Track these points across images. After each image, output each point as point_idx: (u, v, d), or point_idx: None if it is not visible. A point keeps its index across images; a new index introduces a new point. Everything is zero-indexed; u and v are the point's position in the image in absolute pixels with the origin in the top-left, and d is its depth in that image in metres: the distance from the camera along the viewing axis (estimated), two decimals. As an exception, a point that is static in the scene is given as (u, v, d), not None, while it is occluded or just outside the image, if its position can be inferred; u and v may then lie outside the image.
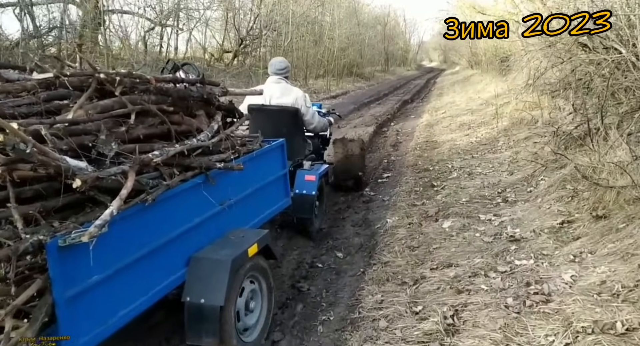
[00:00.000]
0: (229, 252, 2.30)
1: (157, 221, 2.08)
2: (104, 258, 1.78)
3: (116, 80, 2.06)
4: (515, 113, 8.07)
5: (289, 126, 4.02)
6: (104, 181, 1.79)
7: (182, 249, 2.25)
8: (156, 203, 1.98)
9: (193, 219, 2.32)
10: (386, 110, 14.21)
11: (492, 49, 18.63)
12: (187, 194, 2.25)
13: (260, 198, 2.99)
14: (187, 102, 2.49)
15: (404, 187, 5.37)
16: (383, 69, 37.09)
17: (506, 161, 5.63)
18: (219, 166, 2.40)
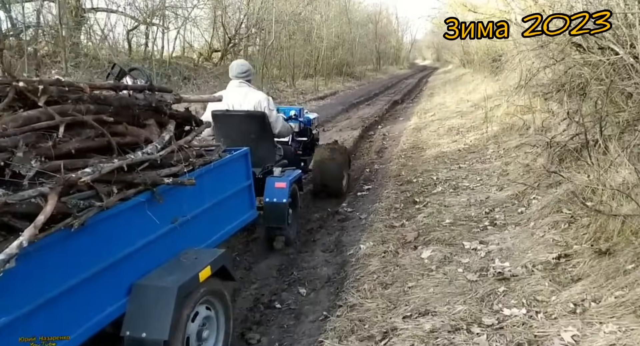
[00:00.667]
0: (176, 277, 2.06)
1: (88, 248, 1.85)
2: (16, 295, 1.56)
3: (39, 89, 1.83)
4: (506, 117, 7.61)
5: (257, 131, 3.85)
6: (19, 206, 1.58)
7: (121, 277, 2.01)
8: (87, 227, 1.76)
9: (135, 242, 2.09)
10: (375, 111, 13.73)
11: (484, 48, 18.22)
12: (127, 214, 2.03)
13: (220, 213, 2.79)
14: (132, 111, 2.28)
15: (384, 203, 4.88)
16: (375, 68, 36.63)
17: (495, 173, 5.15)
18: (167, 182, 2.16)
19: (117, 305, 1.97)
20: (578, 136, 4.25)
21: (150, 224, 2.14)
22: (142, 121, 2.39)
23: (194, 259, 2.26)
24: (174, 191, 2.28)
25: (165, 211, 2.24)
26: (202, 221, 2.57)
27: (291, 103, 13.92)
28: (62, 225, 1.68)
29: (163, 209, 2.22)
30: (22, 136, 1.72)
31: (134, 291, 2.02)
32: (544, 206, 3.63)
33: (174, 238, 2.31)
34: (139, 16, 15.01)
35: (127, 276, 2.04)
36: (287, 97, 15.51)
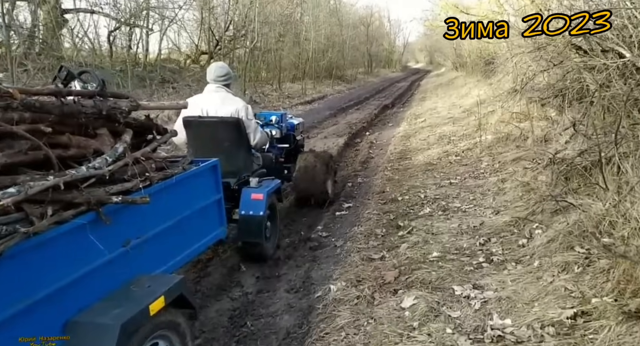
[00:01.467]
0: (121, 312, 1.79)
1: (8, 282, 1.59)
2: None
3: None
4: (500, 125, 7.01)
5: (231, 138, 3.61)
6: None
7: (55, 313, 1.73)
8: (6, 258, 1.52)
9: (73, 272, 1.81)
10: (364, 117, 13.12)
11: (476, 50, 17.72)
12: (62, 240, 1.76)
13: (183, 232, 2.54)
14: (79, 120, 2.05)
15: (364, 226, 4.24)
16: (366, 71, 36.09)
17: (490, 191, 4.54)
18: (115, 200, 1.93)
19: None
20: (587, 152, 3.65)
21: (94, 249, 1.88)
22: (92, 131, 2.15)
23: (147, 288, 1.99)
24: (127, 210, 2.04)
25: (114, 233, 2.00)
26: (160, 243, 2.31)
27: (276, 108, 13.28)
28: None
29: (111, 231, 1.97)
30: None
31: (70, 329, 1.74)
32: (550, 240, 3.01)
33: (125, 263, 2.05)
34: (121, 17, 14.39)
35: (61, 312, 1.76)
36: (272, 102, 14.88)
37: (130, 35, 15.08)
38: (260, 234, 3.51)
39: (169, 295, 1.97)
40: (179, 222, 2.48)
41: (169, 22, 16.55)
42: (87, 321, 1.77)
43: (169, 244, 2.41)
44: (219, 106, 3.62)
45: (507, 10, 10.75)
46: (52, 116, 1.92)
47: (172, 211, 2.44)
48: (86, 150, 2.03)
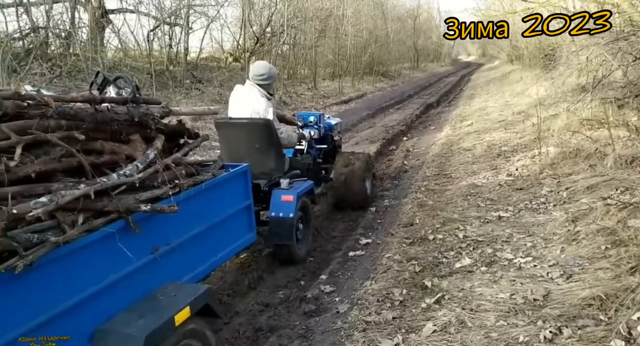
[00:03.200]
0: (146, 323, 1.77)
1: (39, 291, 1.56)
2: None
3: None
4: (566, 134, 5.64)
5: (262, 140, 3.57)
6: None
7: (82, 322, 1.73)
8: (38, 267, 1.50)
9: (101, 280, 1.81)
10: (403, 118, 11.87)
11: (535, 41, 15.92)
12: (92, 249, 1.76)
13: (212, 239, 2.51)
14: (112, 127, 2.08)
15: (379, 283, 3.14)
16: (412, 66, 34.34)
17: (557, 236, 3.30)
18: (144, 209, 1.94)
19: None
20: None
21: (122, 257, 1.87)
22: (124, 137, 2.18)
23: (172, 297, 1.99)
24: (156, 218, 2.04)
25: (143, 240, 1.99)
26: (189, 250, 2.30)
27: (308, 109, 12.28)
28: (3, 267, 1.42)
29: (140, 239, 1.97)
30: None
31: (97, 338, 1.76)
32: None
33: (153, 271, 2.05)
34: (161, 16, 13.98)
35: (89, 320, 1.76)
36: (304, 102, 13.88)
37: (170, 34, 14.67)
38: (290, 236, 3.47)
39: (194, 305, 1.97)
40: (208, 229, 2.46)
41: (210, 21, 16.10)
42: (115, 331, 1.77)
43: (197, 251, 2.40)
44: (242, 104, 3.64)
45: (573, 0, 9.19)
46: (86, 123, 1.95)
47: (201, 218, 2.42)
48: (119, 156, 2.07)
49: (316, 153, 4.64)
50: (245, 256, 3.88)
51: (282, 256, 3.64)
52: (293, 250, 3.57)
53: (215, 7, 15.95)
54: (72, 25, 12.18)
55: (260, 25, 18.10)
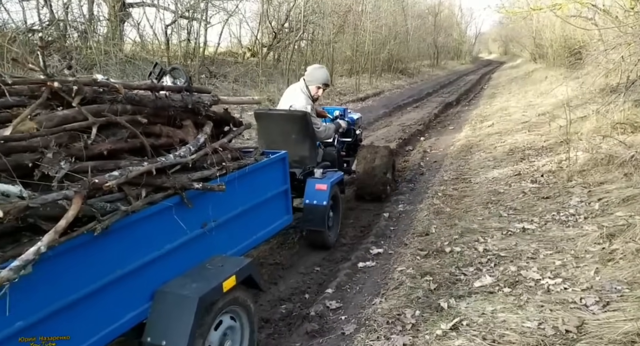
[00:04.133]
0: (199, 286, 1.99)
1: (112, 252, 1.81)
2: (35, 299, 1.53)
3: (73, 89, 1.86)
4: (596, 139, 5.25)
5: (298, 131, 3.79)
6: (43, 209, 1.54)
7: (145, 283, 1.96)
8: (111, 232, 1.73)
9: (160, 247, 2.05)
10: (421, 117, 11.50)
11: (560, 39, 15.34)
12: (153, 219, 1.98)
13: (253, 218, 2.72)
14: (169, 112, 2.31)
15: (389, 301, 2.86)
16: (432, 63, 33.71)
17: (590, 254, 2.96)
18: (196, 187, 2.14)
19: (139, 311, 1.94)
20: None
21: (178, 229, 2.10)
22: (178, 122, 2.41)
23: (220, 267, 2.20)
24: (206, 196, 2.25)
25: (194, 215, 2.20)
26: (233, 227, 2.50)
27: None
28: (84, 230, 1.63)
29: (192, 214, 2.18)
30: (54, 136, 1.72)
31: (157, 298, 1.98)
32: None
33: (202, 243, 2.27)
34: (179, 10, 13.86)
35: (150, 282, 1.99)
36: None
37: (188, 28, 14.53)
38: (323, 223, 3.67)
39: (240, 275, 2.16)
40: (250, 209, 2.65)
41: (229, 15, 15.94)
42: (172, 292, 1.98)
43: (240, 228, 2.60)
44: (285, 98, 3.99)
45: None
46: (147, 108, 2.16)
47: (245, 199, 2.62)
48: (173, 139, 2.27)
49: (339, 146, 4.80)
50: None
51: (315, 242, 3.84)
52: (325, 236, 3.77)
53: (234, 1, 15.83)
54: (90, 18, 12.15)
55: (278, 20, 17.88)
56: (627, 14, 6.68)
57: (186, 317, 1.88)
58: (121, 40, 13.19)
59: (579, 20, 10.33)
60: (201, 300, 1.92)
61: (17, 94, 1.83)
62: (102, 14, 13.37)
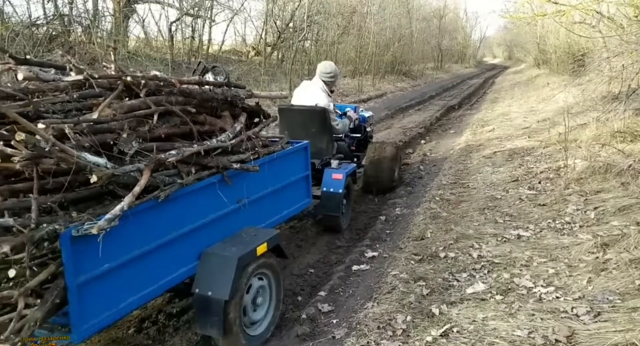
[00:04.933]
0: (237, 249, 2.40)
1: (170, 217, 2.21)
2: (116, 248, 1.92)
3: (141, 82, 2.28)
4: (595, 147, 5.24)
5: (317, 125, 4.14)
6: (122, 177, 1.94)
7: (194, 244, 2.38)
8: (170, 200, 2.12)
9: (206, 216, 2.45)
10: (423, 120, 11.50)
11: (563, 45, 15.31)
12: (201, 192, 2.38)
13: (279, 198, 3.11)
14: (211, 104, 2.70)
15: (381, 305, 2.85)
16: (436, 66, 33.68)
17: (584, 264, 2.96)
18: (235, 167, 2.55)
19: (190, 267, 2.36)
20: None
21: (220, 202, 2.51)
22: (218, 113, 2.79)
23: (253, 235, 2.61)
24: (241, 175, 2.66)
25: (232, 192, 2.60)
26: (262, 205, 2.90)
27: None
28: (152, 196, 2.04)
29: (230, 191, 2.59)
30: (126, 120, 2.11)
31: (203, 257, 2.40)
32: None
33: (237, 216, 2.67)
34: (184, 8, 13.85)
35: (198, 244, 2.41)
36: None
37: (193, 26, 14.53)
38: (338, 209, 4.05)
39: (270, 242, 2.60)
40: (276, 190, 3.05)
41: (234, 14, 15.95)
42: (215, 253, 2.41)
43: (268, 206, 2.99)
44: (305, 96, 4.29)
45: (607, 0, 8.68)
46: (195, 100, 2.56)
47: (272, 181, 3.00)
48: (214, 127, 2.67)
49: (350, 141, 5.09)
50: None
51: (329, 225, 4.22)
52: (338, 221, 4.16)
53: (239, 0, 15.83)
54: (95, 14, 12.14)
55: (283, 19, 17.88)
56: (631, 22, 6.68)
57: (228, 273, 2.29)
58: (125, 36, 13.21)
59: (583, 27, 10.33)
60: (240, 259, 2.34)
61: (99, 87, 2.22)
62: (107, 9, 13.39)
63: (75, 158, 1.75)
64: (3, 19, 9.00)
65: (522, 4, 15.48)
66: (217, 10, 15.46)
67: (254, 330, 2.58)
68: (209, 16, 14.94)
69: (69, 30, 11.32)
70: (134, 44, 13.77)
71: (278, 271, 2.75)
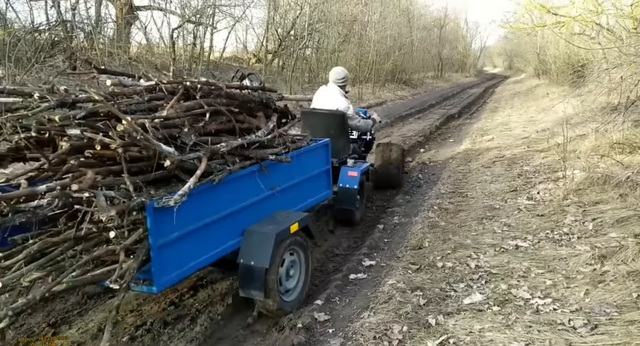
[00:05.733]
0: (274, 227, 2.88)
1: (220, 198, 2.66)
2: (183, 220, 2.36)
3: (197, 87, 2.78)
4: (594, 158, 5.24)
5: (336, 127, 4.53)
6: (184, 164, 2.39)
7: (238, 222, 2.84)
8: (221, 183, 2.57)
9: (247, 199, 2.90)
10: (422, 128, 11.52)
11: (563, 55, 15.38)
12: (244, 178, 2.85)
13: (304, 188, 3.56)
14: (250, 105, 3.20)
15: (378, 315, 2.84)
16: (436, 75, 33.81)
17: (581, 275, 2.95)
18: (271, 158, 3.01)
19: (235, 241, 2.83)
20: None
21: (258, 188, 2.97)
22: (254, 113, 3.26)
23: (286, 217, 3.09)
24: (274, 166, 3.09)
25: (267, 180, 3.04)
26: (291, 192, 3.36)
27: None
28: (209, 179, 2.48)
29: (266, 179, 3.03)
30: (186, 118, 2.57)
31: (246, 233, 2.86)
32: None
33: (271, 201, 3.12)
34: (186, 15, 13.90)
35: (242, 222, 2.87)
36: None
37: (195, 32, 14.56)
38: (353, 203, 4.49)
39: (301, 223, 3.07)
40: (302, 181, 3.48)
41: (235, 21, 16.01)
42: (256, 230, 2.86)
43: (296, 194, 3.42)
44: (326, 101, 4.66)
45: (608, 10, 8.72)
46: (236, 101, 3.04)
47: (299, 172, 3.43)
48: (252, 125, 3.13)
49: (360, 143, 5.48)
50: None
51: (345, 218, 4.60)
52: (353, 214, 4.58)
53: (241, 7, 15.88)
54: (97, 20, 12.19)
55: (284, 27, 17.97)
56: (630, 34, 6.71)
57: (267, 246, 2.74)
58: (127, 42, 13.25)
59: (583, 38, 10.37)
60: (277, 235, 2.79)
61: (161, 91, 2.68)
62: (110, 15, 13.45)
63: (155, 147, 2.20)
64: (5, 24, 9.03)
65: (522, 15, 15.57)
66: (219, 17, 15.53)
67: (287, 297, 3.05)
68: (211, 23, 15.02)
69: (71, 36, 11.36)
70: (136, 50, 13.80)
71: (307, 248, 3.22)
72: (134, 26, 14.26)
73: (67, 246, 2.14)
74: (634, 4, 7.96)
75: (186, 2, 14.13)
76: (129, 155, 2.22)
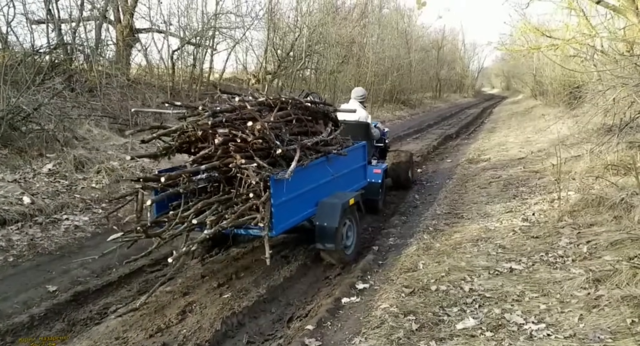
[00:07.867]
0: (339, 200, 4.07)
1: (306, 178, 3.85)
2: (287, 190, 3.53)
3: (288, 101, 4.03)
4: (589, 179, 5.24)
5: (363, 135, 5.64)
6: (287, 152, 3.56)
7: (315, 196, 4.04)
8: (306, 168, 3.78)
9: (320, 180, 4.14)
10: (420, 148, 11.54)
11: (559, 77, 15.55)
12: (318, 165, 4.07)
13: (351, 176, 4.80)
14: (315, 115, 4.47)
15: (369, 342, 2.78)
16: (434, 95, 34.09)
17: (576, 299, 2.90)
18: (334, 152, 4.31)
19: (313, 209, 4.02)
20: None
21: (326, 173, 4.21)
22: (318, 121, 4.52)
23: (344, 194, 4.30)
24: (333, 159, 4.30)
25: (330, 168, 4.25)
26: (343, 179, 4.55)
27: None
28: (300, 164, 3.65)
29: (329, 167, 4.25)
30: (281, 123, 3.82)
31: (320, 204, 4.04)
32: None
33: (332, 184, 4.31)
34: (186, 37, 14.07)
35: (317, 196, 4.06)
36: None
37: (195, 54, 14.70)
38: (377, 194, 5.72)
39: (355, 198, 4.33)
40: (350, 171, 4.74)
41: (235, 43, 16.17)
42: (327, 202, 4.06)
43: (346, 181, 4.65)
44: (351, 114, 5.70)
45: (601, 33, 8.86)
46: (308, 112, 4.31)
47: (348, 164, 4.66)
48: (316, 130, 4.36)
49: (374, 150, 6.40)
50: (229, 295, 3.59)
51: (370, 206, 5.48)
52: (377, 203, 5.78)
53: (241, 29, 16.06)
54: (97, 43, 12.31)
55: (283, 48, 18.19)
56: (623, 57, 6.79)
57: (336, 212, 3.93)
58: (127, 64, 13.37)
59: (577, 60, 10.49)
60: (342, 205, 3.99)
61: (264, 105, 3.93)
62: (111, 38, 13.59)
63: (272, 140, 3.42)
64: (6, 47, 9.12)
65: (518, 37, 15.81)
66: (218, 39, 15.72)
67: (347, 250, 4.23)
68: (211, 45, 15.20)
69: (71, 58, 11.45)
70: (136, 72, 13.90)
71: (357, 218, 4.40)
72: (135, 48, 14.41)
73: (217, 205, 3.51)
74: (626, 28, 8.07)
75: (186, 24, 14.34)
76: (256, 146, 3.43)
